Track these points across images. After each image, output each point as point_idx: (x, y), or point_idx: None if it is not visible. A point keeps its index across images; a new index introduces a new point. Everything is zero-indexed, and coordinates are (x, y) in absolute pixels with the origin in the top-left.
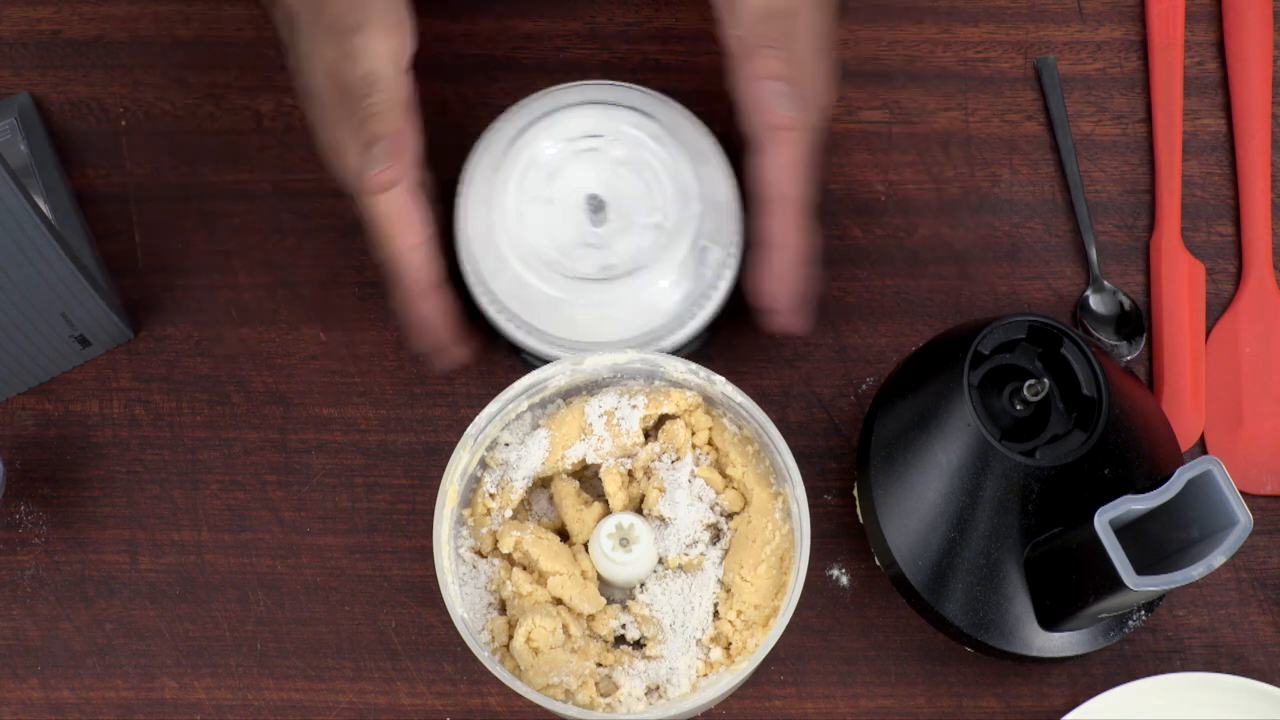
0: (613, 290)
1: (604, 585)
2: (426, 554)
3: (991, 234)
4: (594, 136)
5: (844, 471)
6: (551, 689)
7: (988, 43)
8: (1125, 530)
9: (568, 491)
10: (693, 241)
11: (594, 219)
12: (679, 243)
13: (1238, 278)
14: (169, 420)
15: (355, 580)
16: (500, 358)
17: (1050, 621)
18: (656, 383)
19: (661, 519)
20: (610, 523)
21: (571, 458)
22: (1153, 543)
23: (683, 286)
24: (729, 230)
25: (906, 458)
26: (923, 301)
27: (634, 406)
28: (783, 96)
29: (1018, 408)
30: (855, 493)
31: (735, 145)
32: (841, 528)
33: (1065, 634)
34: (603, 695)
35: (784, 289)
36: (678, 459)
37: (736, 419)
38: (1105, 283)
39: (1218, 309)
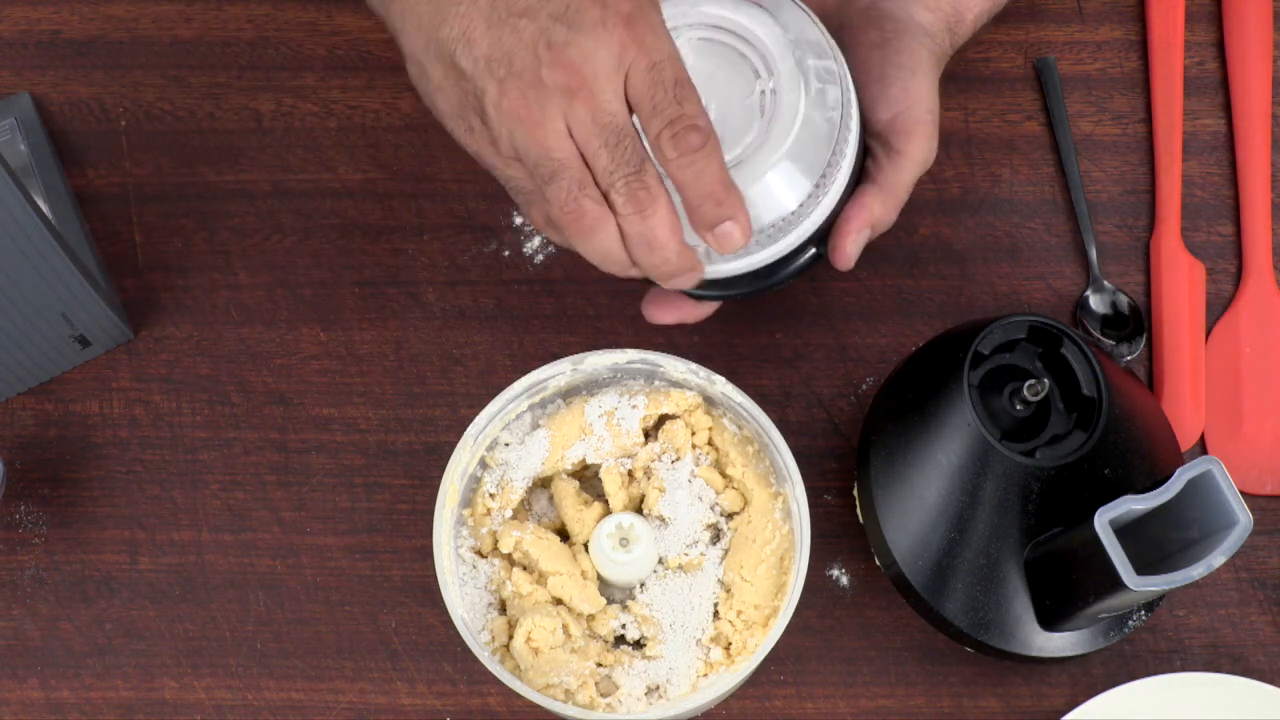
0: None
1: (604, 585)
2: (426, 554)
3: (991, 234)
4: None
5: (844, 471)
6: (551, 689)
7: (988, 43)
8: (1125, 530)
9: (568, 491)
10: (805, 85)
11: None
12: (790, 97)
13: (1238, 278)
14: (169, 420)
15: (355, 580)
16: (500, 359)
17: (1050, 621)
18: (656, 383)
19: (661, 519)
20: (610, 523)
21: (571, 458)
22: (1153, 543)
23: (809, 147)
24: (836, 69)
25: (906, 458)
26: (923, 301)
27: (634, 406)
28: (860, 246)
29: (1018, 408)
30: (855, 493)
31: None
32: (841, 528)
33: (1065, 634)
34: (603, 695)
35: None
36: (678, 459)
37: (736, 419)
38: (1105, 283)
39: (1218, 309)
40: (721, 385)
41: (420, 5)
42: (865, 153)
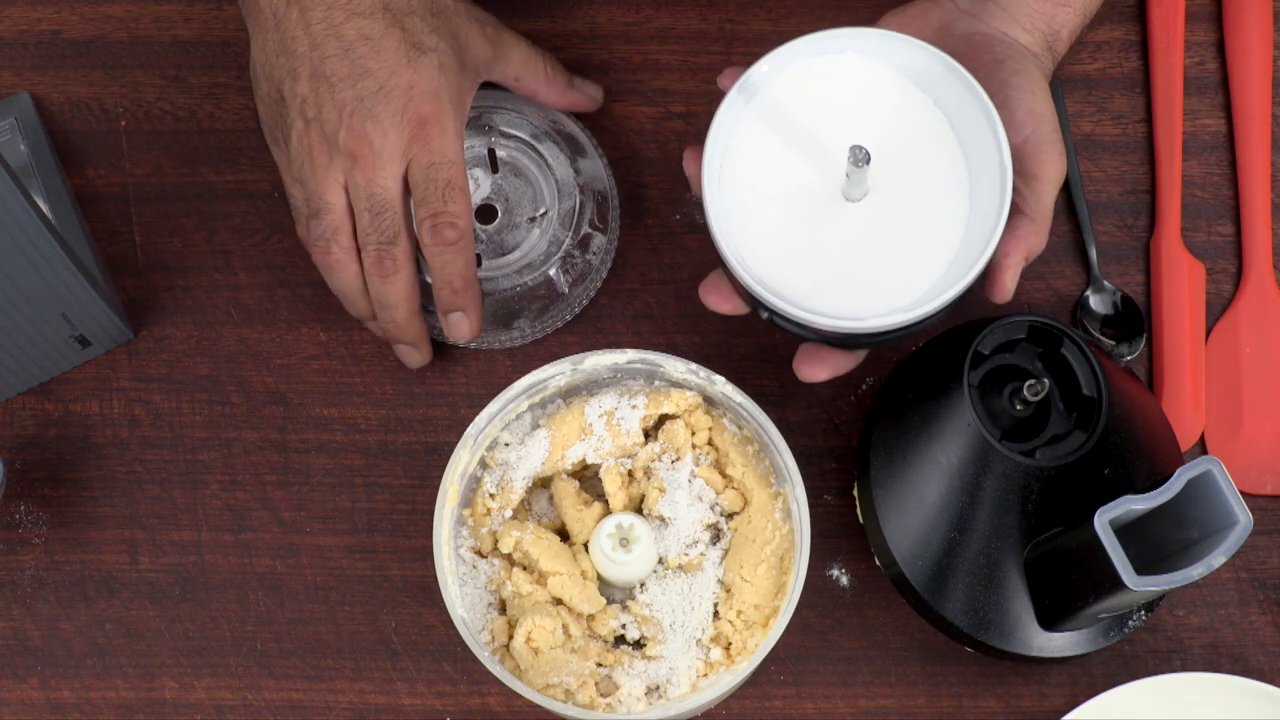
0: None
1: (604, 585)
2: (426, 554)
3: None
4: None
5: (844, 471)
6: (551, 689)
7: None
8: (1125, 530)
9: (568, 491)
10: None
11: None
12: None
13: (1238, 278)
14: (169, 420)
15: (355, 580)
16: (502, 358)
17: (1050, 621)
18: (656, 383)
19: (661, 519)
20: (610, 523)
21: (571, 458)
22: (1153, 543)
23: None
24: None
25: (906, 458)
26: None
27: (634, 406)
28: (1015, 278)
29: (1018, 408)
30: (855, 493)
31: None
32: (841, 528)
33: (1065, 634)
34: (603, 695)
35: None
36: (678, 459)
37: (736, 419)
38: (1105, 283)
39: (1218, 309)
40: (721, 385)
41: (271, 31)
42: None
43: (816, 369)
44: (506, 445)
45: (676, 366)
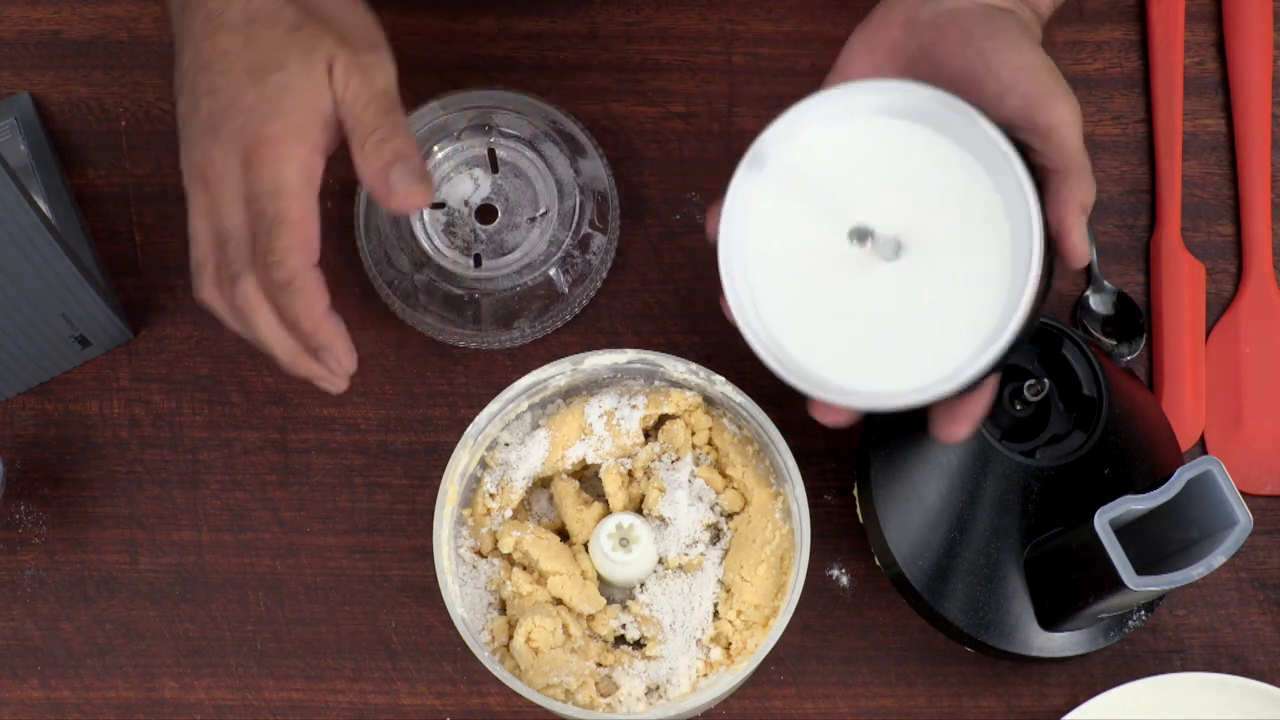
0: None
1: (604, 585)
2: (426, 554)
3: None
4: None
5: (844, 471)
6: (551, 689)
7: None
8: (1125, 530)
9: (568, 491)
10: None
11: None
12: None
13: (1238, 278)
14: (169, 420)
15: (355, 580)
16: (502, 358)
17: (1050, 621)
18: (656, 383)
19: (661, 519)
20: (610, 523)
21: (571, 458)
22: (1153, 543)
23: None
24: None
25: (906, 458)
26: None
27: (634, 406)
28: (1084, 237)
29: (1018, 408)
30: (855, 493)
31: None
32: (841, 528)
33: (1065, 634)
34: (603, 695)
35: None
36: (678, 459)
37: (736, 419)
38: (1105, 283)
39: (1218, 309)
40: (721, 385)
41: (185, 48)
42: (1026, 156)
43: (959, 426)
44: (506, 445)
45: (676, 366)
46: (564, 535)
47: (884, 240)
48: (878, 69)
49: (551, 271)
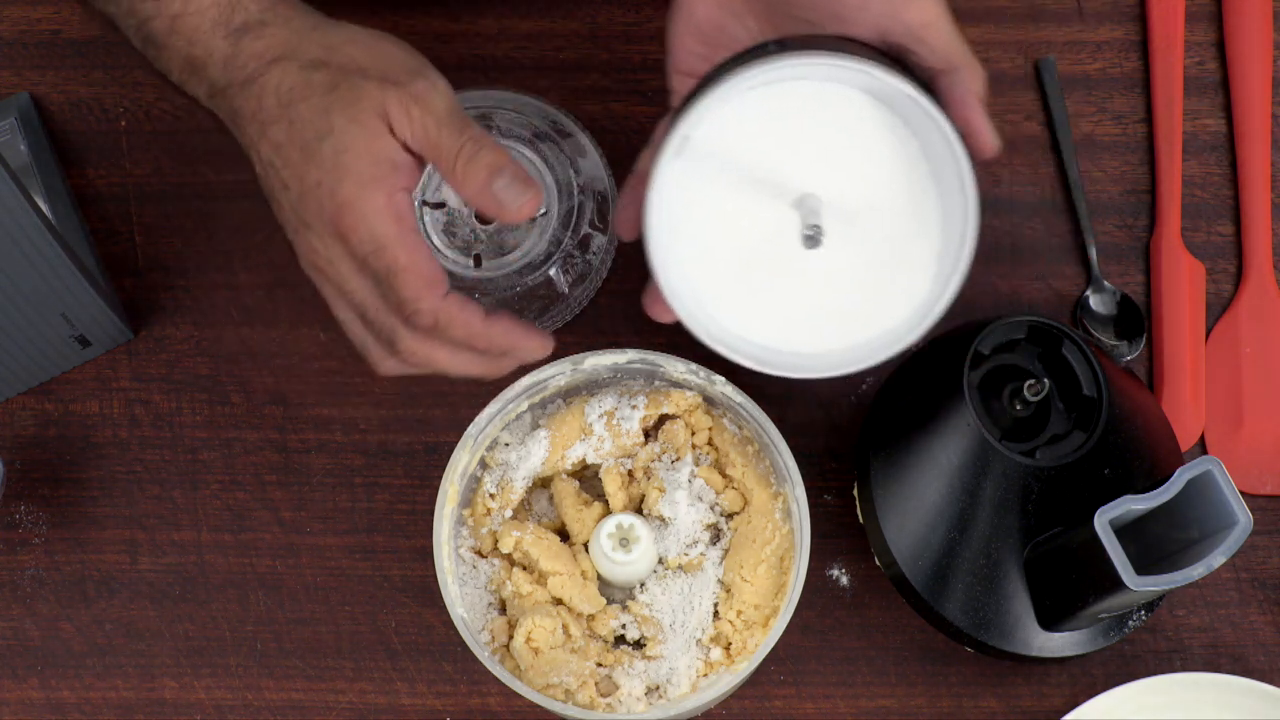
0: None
1: (604, 585)
2: (426, 554)
3: (991, 234)
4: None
5: (844, 471)
6: (551, 689)
7: (988, 43)
8: (1125, 530)
9: (568, 491)
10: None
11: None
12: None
13: (1238, 278)
14: (169, 420)
15: (355, 580)
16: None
17: (1050, 621)
18: (656, 383)
19: (661, 519)
20: (610, 523)
21: (571, 458)
22: (1153, 543)
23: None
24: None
25: (906, 458)
26: None
27: (634, 407)
28: (989, 126)
29: (1018, 408)
30: (855, 493)
31: None
32: (841, 528)
33: (1065, 634)
34: (603, 695)
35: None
36: (678, 459)
37: (736, 419)
38: (1105, 283)
39: (1218, 309)
40: (721, 385)
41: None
42: (904, 64)
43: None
44: (506, 445)
45: (676, 366)
46: (564, 535)
47: (820, 211)
48: (716, 6)
49: (552, 271)
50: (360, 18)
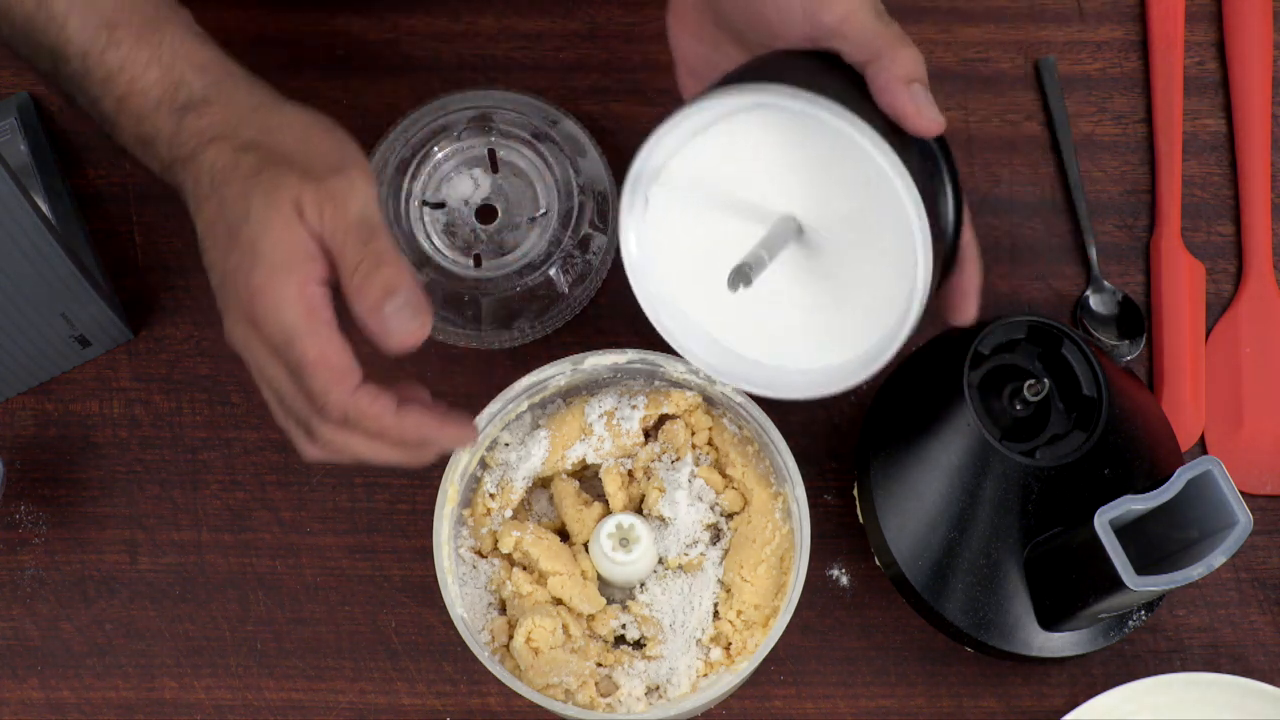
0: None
1: (604, 585)
2: (426, 554)
3: (991, 234)
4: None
5: (844, 471)
6: (551, 689)
7: (988, 43)
8: (1125, 530)
9: (568, 491)
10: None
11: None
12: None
13: (1238, 278)
14: (169, 420)
15: (355, 580)
16: (502, 358)
17: (1050, 621)
18: (656, 383)
19: (661, 519)
20: (610, 523)
21: (571, 458)
22: (1153, 543)
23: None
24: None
25: (906, 458)
26: None
27: (634, 407)
28: (928, 101)
29: (1018, 408)
30: (855, 493)
31: None
32: (841, 528)
33: (1065, 634)
34: (603, 695)
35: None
36: (678, 459)
37: (736, 419)
38: (1105, 283)
39: (1218, 309)
40: (721, 385)
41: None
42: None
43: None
44: (506, 445)
45: (676, 366)
46: (564, 535)
47: (791, 236)
48: (699, 42)
49: (552, 271)
50: (361, 18)
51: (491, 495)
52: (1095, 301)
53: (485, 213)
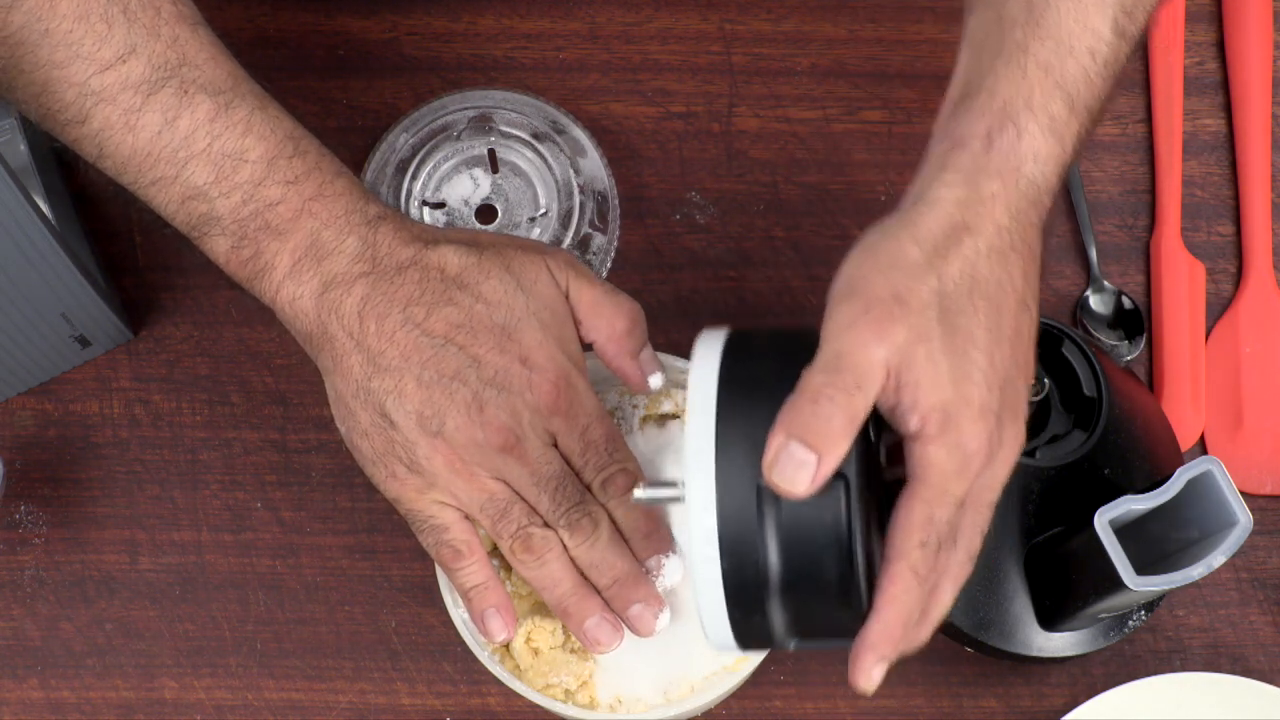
0: None
1: None
2: (426, 554)
3: None
4: None
5: None
6: (551, 689)
7: None
8: (1125, 530)
9: None
10: None
11: None
12: None
13: (1238, 278)
14: (169, 420)
15: (355, 580)
16: None
17: (1050, 621)
18: None
19: None
20: None
21: None
22: (1153, 543)
23: None
24: None
25: None
26: None
27: (634, 406)
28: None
29: None
30: None
31: None
32: None
33: (1065, 634)
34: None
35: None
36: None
37: None
38: (1105, 283)
39: (1218, 309)
40: None
41: (353, 355)
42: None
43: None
44: None
45: (677, 366)
46: None
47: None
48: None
49: None
50: (361, 18)
51: None
52: (1095, 301)
53: (485, 213)
